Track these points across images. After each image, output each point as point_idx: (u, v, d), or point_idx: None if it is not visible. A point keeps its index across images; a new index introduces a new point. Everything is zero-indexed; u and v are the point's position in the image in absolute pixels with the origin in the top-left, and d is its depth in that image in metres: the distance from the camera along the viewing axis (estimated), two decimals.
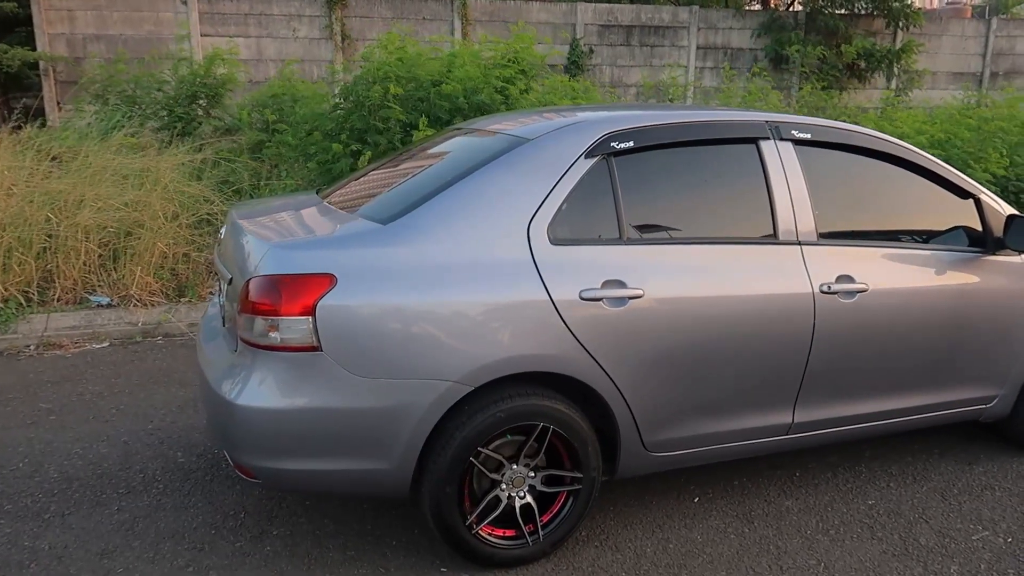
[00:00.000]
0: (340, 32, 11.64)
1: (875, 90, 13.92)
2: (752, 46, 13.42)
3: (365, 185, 3.08)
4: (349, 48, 11.78)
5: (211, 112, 7.95)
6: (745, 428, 2.85)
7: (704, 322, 2.66)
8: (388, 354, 2.34)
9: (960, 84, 14.50)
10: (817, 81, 12.21)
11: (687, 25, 13.36)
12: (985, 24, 14.86)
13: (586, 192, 2.60)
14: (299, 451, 2.37)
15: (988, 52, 14.79)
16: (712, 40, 13.59)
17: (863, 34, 13.28)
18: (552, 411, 2.52)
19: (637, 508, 3.00)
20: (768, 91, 10.92)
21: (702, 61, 13.52)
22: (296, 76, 8.93)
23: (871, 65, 13.14)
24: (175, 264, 5.44)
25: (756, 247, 2.80)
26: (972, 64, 14.83)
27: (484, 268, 2.44)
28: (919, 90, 13.82)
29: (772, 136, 2.89)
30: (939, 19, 15.41)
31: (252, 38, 11.23)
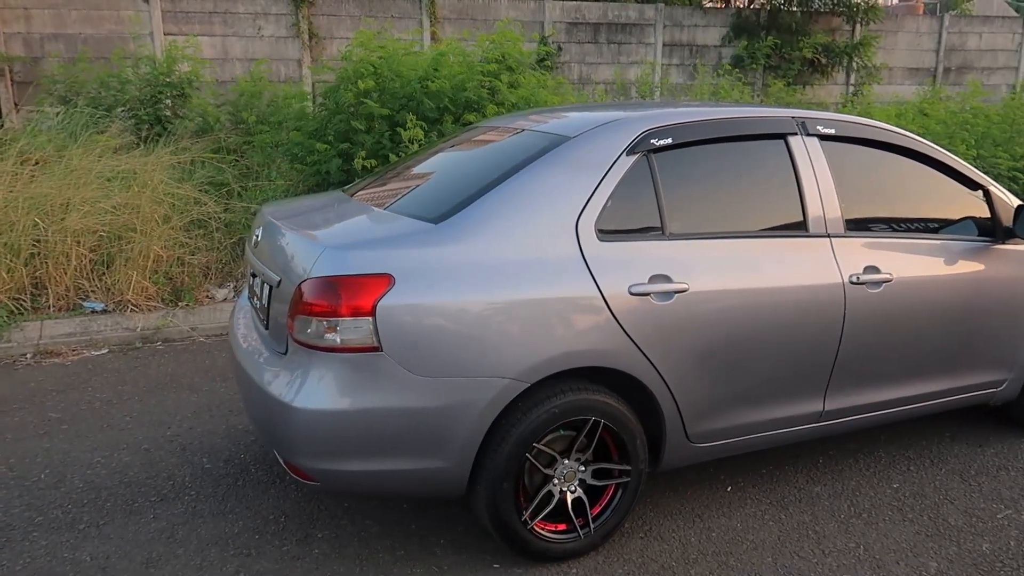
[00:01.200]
0: (307, 31, 11.49)
1: (836, 85, 14.27)
2: (717, 43, 13.63)
3: (398, 183, 3.08)
4: (317, 47, 11.64)
5: (178, 112, 7.81)
6: (780, 417, 2.92)
7: (744, 314, 2.72)
8: (446, 353, 2.35)
9: (915, 79, 14.95)
10: (780, 77, 12.49)
11: (653, 23, 13.50)
12: (938, 21, 15.30)
13: (629, 188, 2.64)
14: (359, 452, 2.36)
15: (941, 48, 15.22)
16: (678, 38, 13.76)
17: (822, 31, 13.60)
18: (603, 405, 2.56)
19: (673, 499, 3.06)
20: (741, 87, 11.12)
21: (668, 58, 13.68)
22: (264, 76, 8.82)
23: (831, 60, 13.46)
24: (170, 268, 5.34)
25: (789, 240, 2.87)
26: (926, 60, 15.25)
27: (536, 265, 2.46)
28: (878, 84, 14.20)
29: (800, 132, 2.97)
30: (895, 16, 15.82)
31: (217, 37, 11.02)
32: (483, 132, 3.28)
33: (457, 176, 2.87)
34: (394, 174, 3.30)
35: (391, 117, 6.17)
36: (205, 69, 8.30)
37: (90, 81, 7.62)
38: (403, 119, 6.09)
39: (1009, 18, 17.65)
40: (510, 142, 2.93)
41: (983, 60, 15.42)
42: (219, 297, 5.41)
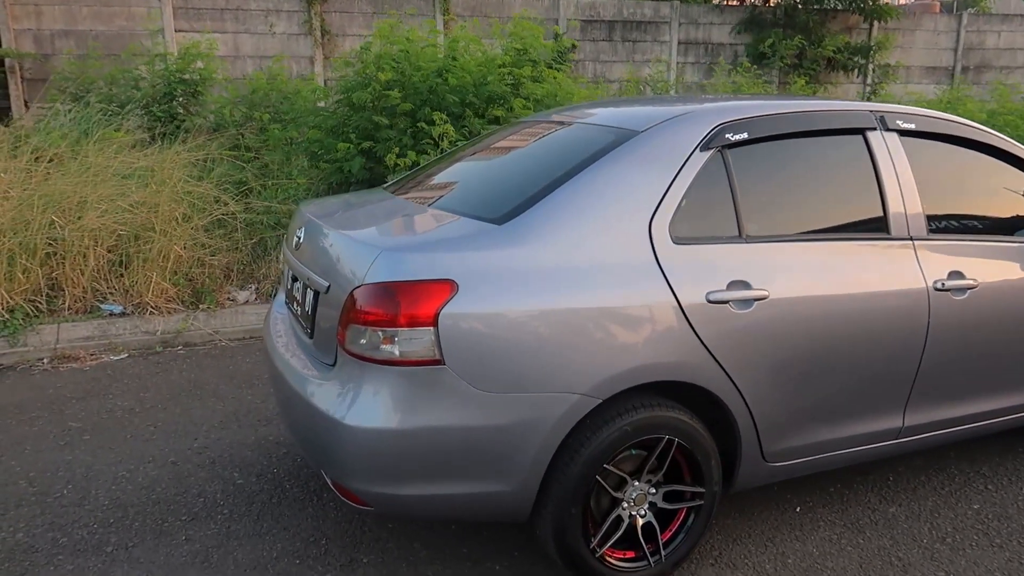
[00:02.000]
0: (319, 28, 11.30)
1: (852, 84, 14.06)
2: (733, 41, 13.44)
3: (444, 180, 2.88)
4: (329, 44, 11.46)
5: (191, 109, 7.63)
6: (858, 434, 2.71)
7: (825, 322, 2.52)
8: (513, 366, 2.15)
9: (933, 79, 14.73)
10: (798, 76, 12.29)
11: (669, 20, 13.30)
12: (956, 19, 15.07)
13: (703, 187, 2.43)
14: (418, 475, 2.16)
15: (959, 47, 15.00)
16: (693, 35, 13.56)
17: (840, 30, 13.41)
18: (677, 423, 2.36)
19: (741, 521, 2.85)
20: (761, 84, 10.90)
21: (683, 56, 13.48)
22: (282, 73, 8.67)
23: (848, 60, 13.25)
24: (190, 269, 5.15)
25: (870, 243, 2.67)
26: (944, 59, 15.02)
27: (607, 270, 2.26)
28: (895, 84, 13.99)
29: (879, 127, 2.76)
30: (912, 14, 15.59)
31: (228, 34, 10.83)
32: (532, 126, 3.08)
33: (515, 173, 2.67)
34: (436, 171, 3.10)
35: (413, 112, 5.97)
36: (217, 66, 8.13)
37: (101, 78, 7.45)
38: (426, 115, 5.89)
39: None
40: (569, 136, 2.73)
41: (1002, 59, 15.17)
42: (241, 299, 5.22)
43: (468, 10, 12.26)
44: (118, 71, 7.51)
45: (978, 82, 14.89)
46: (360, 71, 6.21)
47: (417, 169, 3.33)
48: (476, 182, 2.77)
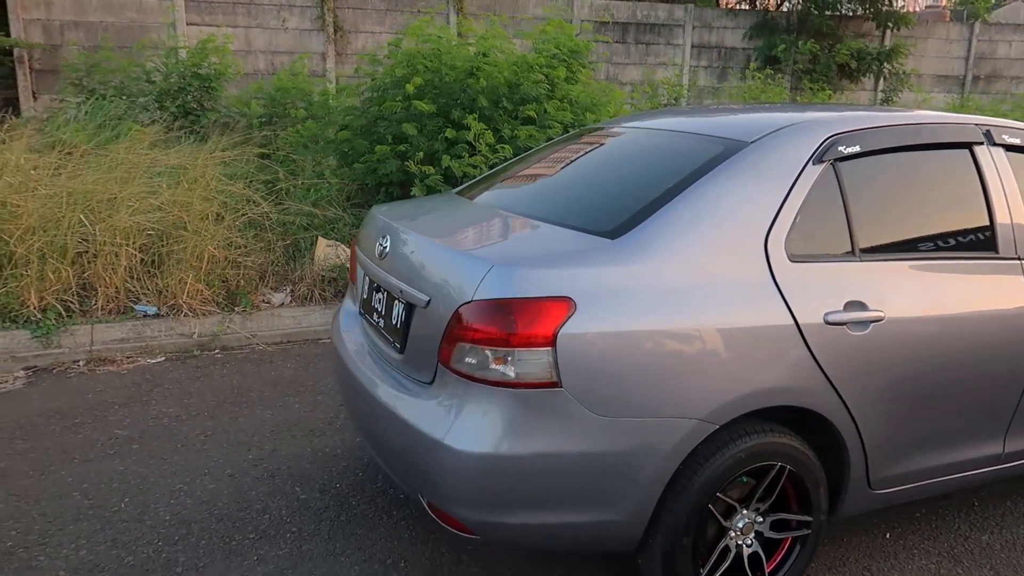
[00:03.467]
0: (332, 23, 11.16)
1: (864, 91, 14.02)
2: (746, 46, 13.37)
3: (528, 187, 2.77)
4: (342, 40, 11.32)
5: (205, 105, 7.49)
6: (961, 460, 2.61)
7: (938, 345, 2.42)
8: (630, 389, 2.04)
9: (944, 87, 14.70)
10: (811, 81, 12.23)
11: (682, 23, 13.23)
12: (968, 28, 15.04)
13: (816, 202, 2.33)
14: (528, 503, 2.04)
15: (971, 56, 14.97)
16: (706, 39, 13.49)
17: (853, 35, 13.36)
18: (789, 449, 2.25)
19: (832, 548, 2.74)
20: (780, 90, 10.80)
21: (696, 60, 13.42)
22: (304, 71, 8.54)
23: (862, 66, 13.20)
24: (224, 270, 5.01)
25: (979, 262, 2.56)
26: (955, 67, 15.00)
27: (724, 289, 2.15)
28: (908, 91, 13.95)
29: (985, 141, 2.66)
30: (925, 22, 15.56)
31: (240, 28, 10.68)
32: (613, 133, 2.97)
33: (615, 182, 2.55)
34: (511, 176, 2.98)
35: (446, 114, 5.83)
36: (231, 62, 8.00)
37: (113, 71, 7.31)
38: (458, 116, 5.75)
39: None
40: (666, 145, 2.62)
41: (1013, 69, 15.15)
42: (276, 302, 5.08)
43: (482, 9, 12.13)
44: (129, 63, 7.37)
45: (988, 92, 14.88)
46: (388, 71, 6.06)
47: (489, 174, 3.20)
48: (569, 190, 2.65)
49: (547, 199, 2.61)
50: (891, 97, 13.70)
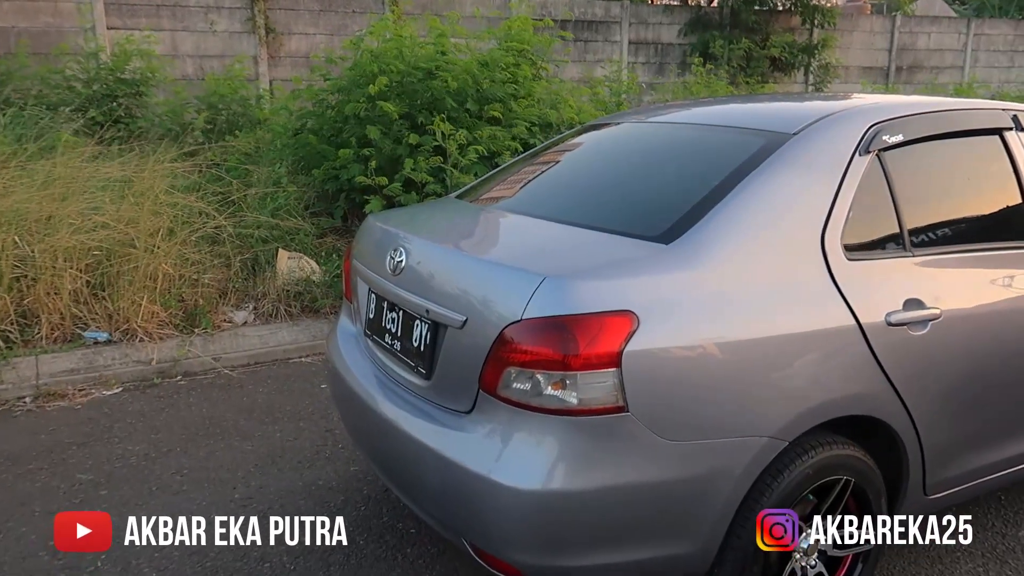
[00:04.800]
0: (264, 25, 10.69)
1: (796, 84, 14.28)
2: (681, 42, 13.46)
3: (544, 188, 2.56)
4: (275, 43, 10.86)
5: (134, 112, 7.05)
6: (1007, 457, 2.52)
7: (992, 341, 2.32)
8: (699, 410, 1.85)
9: (870, 78, 15.10)
10: (746, 75, 12.39)
11: (619, 20, 13.21)
12: (890, 21, 15.50)
13: (866, 195, 2.18)
14: (592, 542, 1.84)
15: (893, 47, 15.40)
16: (643, 35, 13.52)
17: (782, 30, 13.60)
18: (854, 461, 2.10)
19: None
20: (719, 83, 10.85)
21: (634, 56, 13.42)
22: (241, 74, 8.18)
23: (792, 59, 13.45)
24: (180, 289, 4.63)
25: (1019, 251, 2.47)
26: (879, 59, 15.41)
27: (785, 292, 1.98)
28: (837, 82, 14.28)
29: (1015, 127, 2.57)
30: (849, 16, 15.96)
31: (166, 31, 10.11)
32: (629, 129, 2.79)
33: (653, 182, 2.36)
34: (522, 178, 2.76)
35: (409, 116, 5.57)
36: (158, 66, 7.59)
37: (29, 78, 6.81)
38: (424, 119, 5.50)
39: (955, 19, 18.08)
40: (700, 139, 2.45)
41: (932, 59, 15.66)
42: (239, 320, 4.73)
43: (418, 7, 11.82)
44: (47, 70, 6.87)
45: (911, 81, 15.34)
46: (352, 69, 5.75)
47: (489, 177, 2.98)
48: (601, 191, 2.44)
49: (577, 201, 2.40)
50: (821, 88, 14.00)
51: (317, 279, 5.05)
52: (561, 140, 3.06)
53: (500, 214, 2.46)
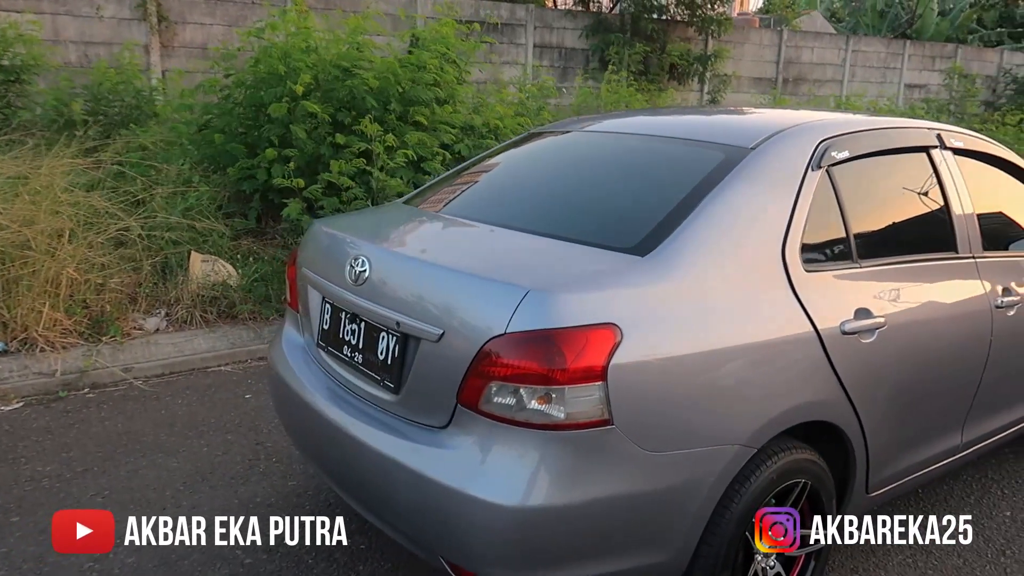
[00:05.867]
0: (156, 13, 10.16)
1: (692, 92, 14.83)
2: (584, 46, 13.71)
3: (514, 198, 2.54)
4: (168, 32, 10.34)
5: (13, 103, 6.58)
6: (932, 454, 2.69)
7: (927, 347, 2.47)
8: (676, 420, 1.88)
9: (759, 88, 15.87)
10: (645, 81, 12.77)
11: (524, 23, 13.33)
12: (778, 35, 16.32)
13: (819, 208, 2.28)
14: (577, 556, 1.83)
15: (781, 60, 16.23)
16: (548, 39, 13.69)
17: (679, 39, 14.09)
18: (810, 465, 2.19)
19: None
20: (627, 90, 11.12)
21: (539, 59, 13.57)
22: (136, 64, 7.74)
23: (688, 68, 13.95)
24: (86, 294, 4.32)
25: (948, 263, 2.64)
26: (768, 70, 16.22)
27: (752, 303, 2.04)
28: (730, 92, 14.93)
29: (939, 145, 2.75)
30: (741, 28, 16.71)
31: (46, 15, 9.47)
32: (582, 138, 2.81)
33: (617, 193, 2.37)
34: (475, 185, 2.73)
35: (332, 116, 5.41)
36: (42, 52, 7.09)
37: None
38: (349, 120, 5.36)
39: (836, 35, 19.22)
40: (660, 151, 2.49)
41: (815, 72, 16.61)
42: (150, 327, 4.45)
43: (322, 2, 11.53)
44: None
45: (796, 92, 16.22)
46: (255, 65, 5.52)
47: (436, 182, 2.92)
48: (564, 201, 2.43)
49: (542, 211, 2.39)
50: (716, 97, 14.58)
51: (234, 283, 4.83)
52: (508, 147, 3.04)
53: (464, 223, 2.41)
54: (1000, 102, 17.04)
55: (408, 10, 12.20)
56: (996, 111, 15.63)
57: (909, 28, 21.62)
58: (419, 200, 2.78)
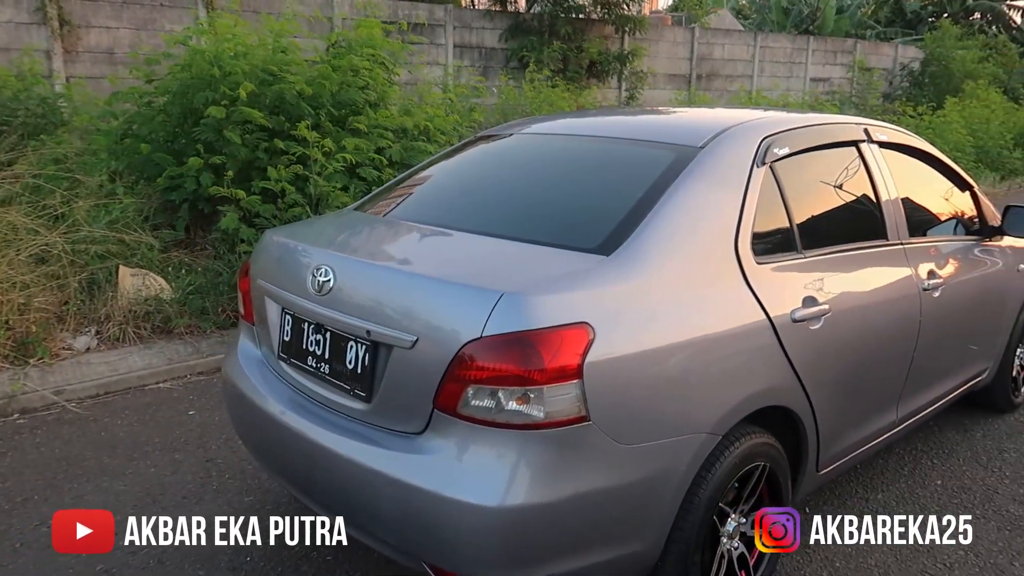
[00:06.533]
0: (57, 16, 9.72)
1: (611, 90, 15.12)
2: (504, 46, 13.80)
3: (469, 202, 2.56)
4: (71, 36, 9.91)
5: None
6: (873, 431, 2.85)
7: (867, 330, 2.62)
8: (649, 413, 1.95)
9: (674, 84, 16.32)
10: (565, 80, 12.96)
11: (443, 23, 13.33)
12: (690, 32, 16.80)
13: (766, 203, 2.39)
14: (560, 551, 1.87)
15: (694, 57, 16.71)
16: (468, 39, 13.72)
17: (596, 38, 14.33)
18: (768, 448, 2.29)
19: None
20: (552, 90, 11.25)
21: (460, 59, 13.60)
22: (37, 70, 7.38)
23: (607, 67, 14.20)
24: (8, 315, 4.11)
25: (880, 251, 2.80)
26: (683, 67, 16.68)
27: (711, 296, 2.14)
28: (648, 89, 15.27)
29: (867, 139, 2.91)
30: (655, 26, 17.12)
31: None
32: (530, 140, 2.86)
33: (573, 194, 2.42)
34: (427, 190, 2.75)
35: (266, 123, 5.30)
36: None
37: None
38: (287, 126, 5.25)
39: (744, 32, 19.92)
40: (611, 153, 2.57)
41: (726, 68, 17.18)
42: (80, 347, 4.27)
43: (234, 2, 11.22)
44: None
45: (709, 88, 16.74)
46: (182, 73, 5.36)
47: (385, 189, 2.91)
48: (521, 203, 2.47)
49: (502, 214, 2.42)
50: (634, 94, 14.89)
51: (167, 297, 4.67)
52: (456, 151, 3.05)
53: (424, 228, 2.41)
54: (896, 94, 18.01)
55: (324, 12, 12.01)
56: (893, 102, 16.54)
57: (812, 24, 22.56)
58: (371, 207, 2.77)
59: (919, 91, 17.86)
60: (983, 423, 3.86)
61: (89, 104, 6.63)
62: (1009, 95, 18.01)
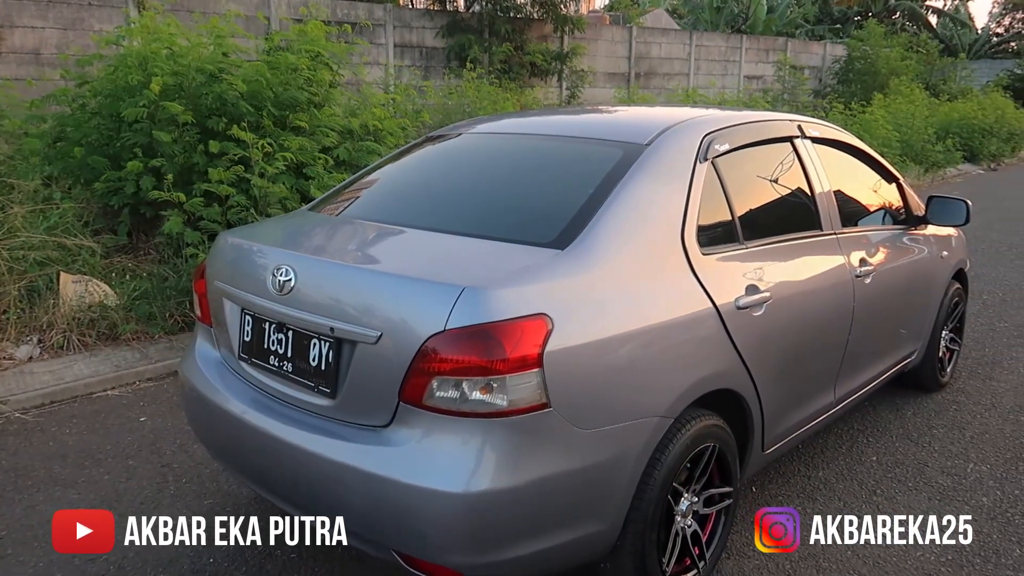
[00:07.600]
0: None
1: (553, 89, 15.29)
2: (444, 45, 13.82)
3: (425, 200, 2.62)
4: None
5: None
6: (812, 412, 3.01)
7: (804, 316, 2.76)
8: (606, 398, 2.04)
9: (614, 83, 16.60)
10: (507, 79, 13.07)
11: (383, 23, 13.29)
12: (628, 31, 17.09)
13: (708, 196, 2.51)
14: (524, 533, 1.95)
15: (632, 56, 17.02)
16: (408, 39, 13.71)
17: (535, 38, 14.45)
18: (717, 430, 2.41)
19: None
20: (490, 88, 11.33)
21: (400, 59, 13.58)
22: None
23: (547, 66, 14.35)
24: None
25: (815, 240, 2.96)
26: (621, 66, 16.97)
27: (661, 286, 2.25)
28: (588, 87, 15.48)
29: (800, 135, 3.06)
30: (594, 26, 17.36)
31: None
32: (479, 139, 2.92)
33: (525, 191, 2.50)
34: (380, 189, 2.80)
35: (202, 123, 5.23)
36: None
37: None
38: (222, 127, 5.20)
39: (680, 31, 20.32)
40: (559, 150, 2.65)
41: (664, 67, 17.54)
42: (23, 356, 4.18)
43: (167, 2, 11.02)
44: None
45: (647, 87, 17.06)
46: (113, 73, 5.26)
47: (338, 189, 2.94)
48: (475, 200, 2.53)
49: (457, 211, 2.48)
50: (575, 93, 15.07)
51: (112, 303, 4.59)
52: (407, 151, 3.10)
53: (381, 226, 2.46)
54: (826, 91, 18.65)
55: (263, 11, 11.86)
56: (824, 98, 17.11)
57: (744, 23, 23.17)
58: (326, 207, 2.81)
59: (847, 88, 18.52)
60: (913, 402, 4.08)
61: (16, 107, 6.42)
62: (930, 91, 18.85)
